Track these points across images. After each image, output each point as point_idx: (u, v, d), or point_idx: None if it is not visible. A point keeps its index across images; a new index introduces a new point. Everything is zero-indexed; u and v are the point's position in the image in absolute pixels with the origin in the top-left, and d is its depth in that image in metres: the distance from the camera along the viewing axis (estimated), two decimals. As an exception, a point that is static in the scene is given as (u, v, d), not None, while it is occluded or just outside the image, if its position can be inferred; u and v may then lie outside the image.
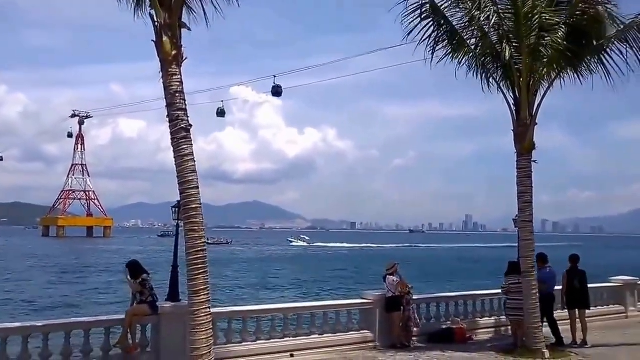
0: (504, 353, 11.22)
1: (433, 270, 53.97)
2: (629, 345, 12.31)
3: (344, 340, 11.52)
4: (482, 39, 11.81)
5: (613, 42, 11.40)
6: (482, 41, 11.82)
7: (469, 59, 11.96)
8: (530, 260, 11.24)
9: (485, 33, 11.76)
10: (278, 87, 37.82)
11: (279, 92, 38.02)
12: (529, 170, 11.32)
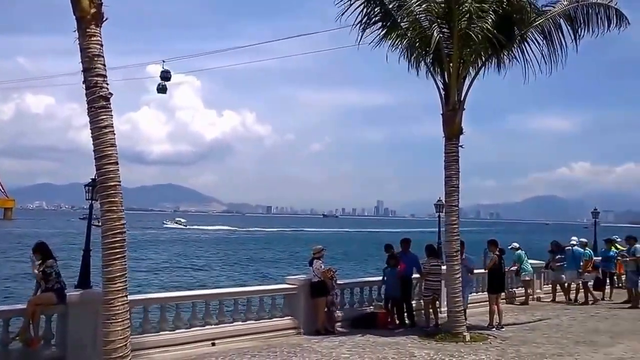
0: (426, 337, 11.16)
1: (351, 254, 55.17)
2: (541, 326, 12.67)
3: (267, 327, 11.02)
4: (414, 23, 11.55)
5: (532, 32, 11.59)
6: (413, 25, 11.56)
7: (401, 42, 11.69)
8: (455, 245, 11.21)
9: (417, 17, 11.51)
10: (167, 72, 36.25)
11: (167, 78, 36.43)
12: (456, 154, 11.26)
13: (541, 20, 11.34)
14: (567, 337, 11.31)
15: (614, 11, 11.27)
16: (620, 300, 17.20)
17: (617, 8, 11.29)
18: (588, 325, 12.84)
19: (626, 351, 9.87)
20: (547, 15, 11.37)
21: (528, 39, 11.57)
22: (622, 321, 13.33)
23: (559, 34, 11.41)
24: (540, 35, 11.45)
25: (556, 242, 18.22)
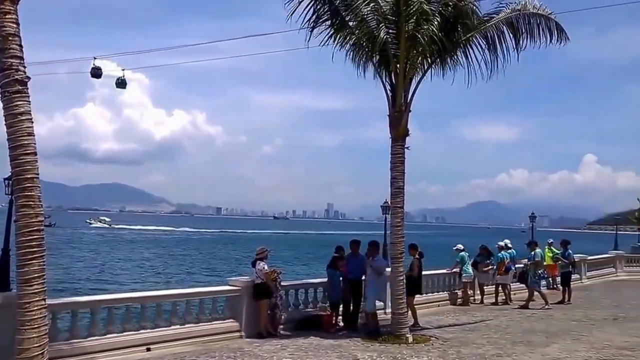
0: (370, 339, 10.92)
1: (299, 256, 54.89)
2: (480, 327, 12.68)
3: (207, 331, 10.48)
4: (361, 23, 11.34)
5: (476, 38, 11.56)
6: (361, 24, 11.34)
7: (349, 41, 11.46)
8: (399, 247, 11.03)
9: (364, 17, 11.31)
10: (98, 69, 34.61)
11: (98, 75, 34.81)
12: (402, 156, 11.09)
13: (485, 26, 11.34)
14: (506, 337, 11.34)
15: (554, 24, 11.40)
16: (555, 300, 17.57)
17: (557, 21, 11.42)
18: (524, 325, 12.95)
19: (561, 351, 9.94)
20: (491, 22, 11.38)
21: (472, 44, 11.53)
22: (556, 321, 13.53)
23: (502, 41, 11.43)
24: (484, 40, 11.45)
25: (484, 246, 18.21)
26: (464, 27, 11.37)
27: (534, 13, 11.30)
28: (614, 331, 11.92)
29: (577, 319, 13.91)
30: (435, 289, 16.47)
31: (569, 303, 17.07)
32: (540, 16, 11.31)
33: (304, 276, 26.06)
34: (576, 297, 17.82)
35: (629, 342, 10.61)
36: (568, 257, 18.56)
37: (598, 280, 24.50)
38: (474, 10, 11.24)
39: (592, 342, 10.66)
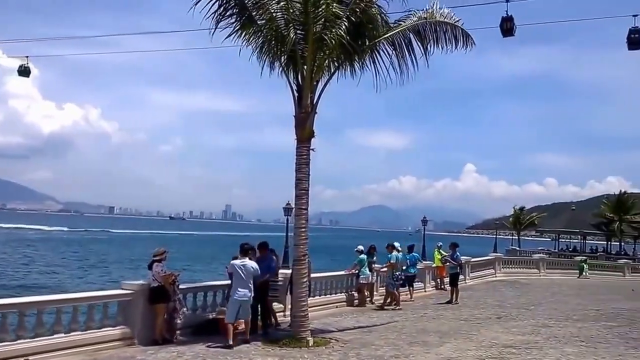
0: (270, 343, 10.54)
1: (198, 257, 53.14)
2: (378, 328, 12.75)
3: (96, 339, 9.52)
4: (270, 21, 10.96)
5: (383, 44, 11.57)
6: (269, 23, 10.96)
7: (256, 39, 11.03)
8: (303, 248, 10.77)
9: (273, 15, 10.95)
10: None
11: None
12: (307, 157, 10.84)
13: (392, 32, 11.37)
14: (402, 338, 11.44)
15: (460, 31, 11.62)
16: (444, 300, 18.27)
17: (463, 28, 11.68)
18: (418, 326, 13.21)
19: (454, 350, 10.15)
20: (398, 29, 11.43)
21: (380, 50, 11.52)
22: (446, 321, 13.94)
23: (409, 48, 11.51)
24: (391, 47, 11.47)
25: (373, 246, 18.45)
26: (372, 33, 11.32)
27: (440, 21, 11.47)
28: (499, 330, 12.46)
29: (465, 318, 14.45)
30: (334, 290, 16.44)
31: (456, 303, 17.80)
32: (447, 24, 11.51)
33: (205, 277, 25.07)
34: (462, 297, 18.62)
35: (513, 340, 11.10)
36: (456, 259, 19.37)
37: (480, 281, 25.96)
38: (382, 16, 11.24)
39: (481, 341, 11.03)
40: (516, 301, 18.69)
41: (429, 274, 22.00)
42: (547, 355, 9.67)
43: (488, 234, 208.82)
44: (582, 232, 60.15)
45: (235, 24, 10.76)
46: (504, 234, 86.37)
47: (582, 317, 14.90)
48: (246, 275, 10.52)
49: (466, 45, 11.70)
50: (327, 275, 16.70)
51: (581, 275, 33.29)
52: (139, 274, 18.10)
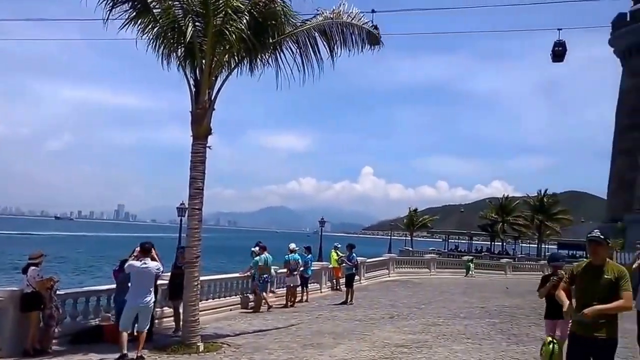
0: (158, 349, 10.00)
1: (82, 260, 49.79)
2: (272, 331, 12.58)
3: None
4: (167, 10, 10.41)
5: (288, 42, 11.38)
6: (166, 12, 10.41)
7: (152, 29, 10.43)
8: (195, 250, 10.32)
9: (171, 4, 10.42)
10: None
11: None
12: (203, 155, 10.41)
13: (296, 31, 11.18)
14: (297, 340, 11.35)
15: (367, 32, 11.56)
16: (340, 301, 18.49)
17: (370, 30, 11.69)
18: (313, 327, 13.21)
19: (347, 352, 10.21)
20: (303, 27, 11.25)
21: (284, 48, 11.30)
22: (341, 322, 14.06)
23: (315, 48, 11.33)
24: (295, 45, 11.28)
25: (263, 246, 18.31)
26: (275, 30, 11.08)
27: (347, 22, 11.39)
28: (391, 329, 12.75)
29: (359, 318, 14.68)
30: (228, 293, 16.04)
31: (351, 303, 18.07)
32: (354, 26, 11.47)
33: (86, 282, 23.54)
34: (357, 298, 18.95)
35: (405, 339, 11.40)
36: (352, 260, 19.70)
37: (374, 281, 26.66)
38: (287, 13, 10.99)
39: (374, 341, 11.21)
40: (408, 300, 19.33)
41: (325, 275, 22.21)
42: (437, 354, 10.01)
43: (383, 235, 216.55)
44: (470, 233, 64.04)
45: (130, 11, 10.09)
46: (398, 235, 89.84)
47: (468, 314, 15.69)
48: (147, 277, 9.55)
49: (373, 47, 11.75)
50: (221, 277, 16.26)
51: (468, 274, 35.33)
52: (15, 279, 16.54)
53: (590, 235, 5.29)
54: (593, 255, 5.22)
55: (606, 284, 5.03)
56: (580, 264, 5.44)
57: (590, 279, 5.14)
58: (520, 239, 68.11)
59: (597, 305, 4.94)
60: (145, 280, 9.52)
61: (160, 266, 9.85)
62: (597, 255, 5.20)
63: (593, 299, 5.01)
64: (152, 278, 9.68)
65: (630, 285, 5.04)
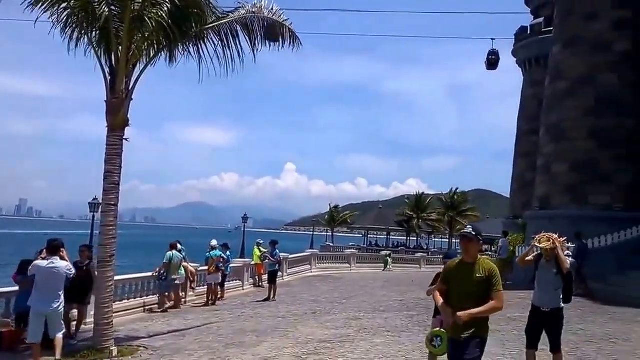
0: (65, 356, 9.24)
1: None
2: (192, 331, 12.11)
3: None
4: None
5: (210, 33, 10.93)
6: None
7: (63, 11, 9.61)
8: (110, 249, 9.63)
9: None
10: None
11: None
12: (120, 148, 9.74)
13: (218, 22, 10.74)
14: (218, 340, 10.96)
15: (287, 30, 11.38)
16: (262, 298, 18.22)
17: (290, 28, 11.45)
18: (236, 326, 12.85)
19: (271, 349, 9.98)
20: (226, 19, 10.83)
21: (205, 39, 10.81)
22: (264, 319, 13.79)
23: (236, 42, 10.95)
24: (217, 37, 10.84)
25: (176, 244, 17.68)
26: (198, 20, 10.59)
27: (268, 17, 11.12)
28: (314, 325, 12.64)
29: (283, 315, 14.47)
30: (145, 293, 15.29)
31: (274, 300, 17.85)
32: (275, 22, 11.21)
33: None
34: (279, 294, 18.75)
35: (328, 334, 11.32)
36: (275, 256, 19.48)
37: (297, 277, 26.58)
38: (210, 4, 10.54)
39: (297, 337, 11.05)
40: (330, 296, 19.37)
41: (248, 272, 21.85)
42: (359, 347, 10.00)
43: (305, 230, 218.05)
44: (387, 229, 65.56)
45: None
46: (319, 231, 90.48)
47: (387, 308, 15.92)
48: (56, 279, 8.56)
49: (293, 46, 11.54)
50: (136, 276, 15.48)
51: (386, 269, 36.10)
52: None
53: (462, 231, 5.09)
54: (464, 252, 4.98)
55: (478, 283, 4.80)
56: (453, 262, 5.15)
57: (462, 278, 4.88)
58: (434, 234, 70.86)
59: (468, 305, 4.72)
60: (53, 282, 8.53)
61: (71, 266, 9.05)
62: (468, 252, 4.95)
63: (465, 299, 4.78)
64: (61, 280, 8.68)
65: (500, 284, 4.81)
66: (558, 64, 26.17)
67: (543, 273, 7.37)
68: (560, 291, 7.27)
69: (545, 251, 7.32)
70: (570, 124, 24.63)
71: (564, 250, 7.42)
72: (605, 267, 20.57)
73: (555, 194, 24.87)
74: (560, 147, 24.95)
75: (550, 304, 7.26)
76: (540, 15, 39.94)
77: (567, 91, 25.09)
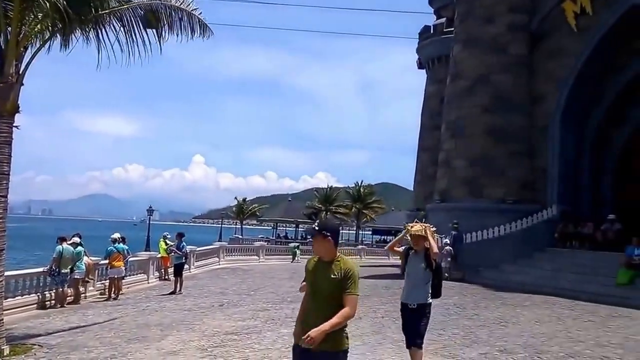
0: (-50, 357, 8.54)
1: None
2: (93, 327, 11.58)
3: None
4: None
5: (111, 18, 10.37)
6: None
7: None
8: (1, 242, 8.94)
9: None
10: None
11: None
12: (10, 136, 9.01)
13: (121, 7, 10.20)
14: (120, 335, 10.56)
15: (196, 20, 11.00)
16: (168, 291, 17.75)
17: (200, 18, 11.07)
18: (139, 320, 12.44)
19: (176, 343, 9.80)
20: (129, 4, 10.30)
21: (107, 25, 10.21)
22: (169, 313, 13.48)
23: (140, 28, 10.42)
24: (119, 23, 10.30)
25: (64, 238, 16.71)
26: (98, 4, 10.00)
27: (176, 6, 10.65)
28: (221, 317, 12.54)
29: (189, 308, 14.20)
30: (40, 288, 14.35)
31: (180, 293, 17.45)
32: (183, 11, 10.75)
33: None
34: (186, 287, 18.37)
35: (235, 326, 11.29)
36: (182, 249, 19.02)
37: (204, 269, 26.15)
38: None
39: (204, 330, 10.91)
40: (238, 287, 19.27)
41: (154, 265, 21.19)
42: (265, 338, 10.07)
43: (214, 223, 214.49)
44: (296, 221, 66.12)
45: None
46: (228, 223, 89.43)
47: (294, 298, 16.08)
48: None
49: (204, 36, 11.19)
50: (31, 271, 14.51)
51: (294, 260, 36.42)
52: None
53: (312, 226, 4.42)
54: (314, 248, 4.30)
55: (332, 285, 4.09)
56: (312, 258, 4.41)
57: (318, 277, 4.20)
58: (342, 226, 72.48)
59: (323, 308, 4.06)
60: None
61: None
62: (317, 249, 4.26)
63: (321, 301, 4.12)
64: None
65: (356, 287, 4.11)
66: (457, 64, 27.60)
67: (412, 267, 6.85)
68: (429, 286, 6.78)
69: (413, 237, 6.79)
70: (468, 121, 26.09)
71: (434, 240, 6.90)
72: (498, 255, 22.15)
73: (455, 187, 26.29)
74: (459, 143, 26.38)
75: (417, 300, 6.74)
76: (442, 16, 41.90)
77: (466, 90, 26.54)
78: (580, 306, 14.99)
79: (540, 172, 24.52)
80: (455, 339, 10.43)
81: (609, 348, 9.79)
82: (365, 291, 16.54)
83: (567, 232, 22.42)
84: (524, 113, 25.31)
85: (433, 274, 6.77)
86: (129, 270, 18.67)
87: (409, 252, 6.96)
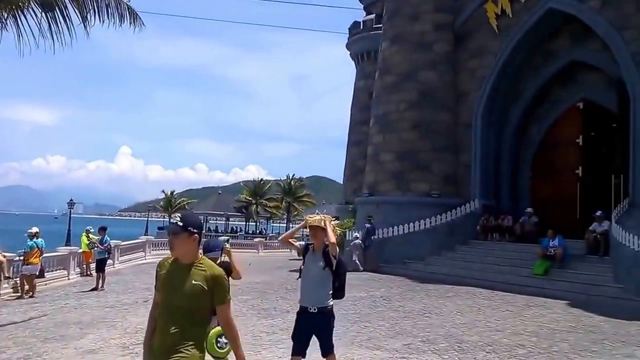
0: None
1: None
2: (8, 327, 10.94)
3: None
4: None
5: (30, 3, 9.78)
6: None
7: None
8: None
9: None
10: None
11: None
12: None
13: None
14: (36, 334, 10.06)
15: (126, 8, 10.54)
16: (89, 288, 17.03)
17: (129, 5, 10.60)
18: (57, 319, 11.87)
19: (96, 341, 9.44)
20: None
21: (27, 9, 9.63)
22: (90, 310, 12.96)
23: (64, 13, 9.91)
24: (40, 8, 9.71)
25: None
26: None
27: None
28: (145, 314, 12.06)
29: (111, 305, 13.69)
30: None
31: (102, 289, 16.80)
32: None
33: None
34: (109, 283, 17.72)
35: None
36: (105, 244, 18.29)
37: (129, 264, 25.29)
38: None
39: (126, 327, 10.56)
40: (163, 283, 18.76)
41: (74, 260, 20.26)
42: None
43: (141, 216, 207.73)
44: (227, 214, 65.31)
45: None
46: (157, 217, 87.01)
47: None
48: None
49: (135, 26, 10.74)
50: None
51: (224, 254, 35.93)
52: None
53: None
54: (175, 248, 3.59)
55: (194, 295, 3.44)
56: (166, 260, 3.73)
57: (174, 285, 3.51)
58: (272, 219, 72.24)
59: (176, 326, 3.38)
60: None
61: None
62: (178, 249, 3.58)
63: (174, 319, 3.41)
64: None
65: (227, 295, 3.62)
66: (385, 60, 28.12)
67: (310, 267, 6.05)
68: (330, 287, 6.00)
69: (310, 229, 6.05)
70: (395, 116, 26.67)
71: (334, 232, 6.01)
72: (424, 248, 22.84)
73: (382, 181, 26.82)
74: (387, 137, 26.91)
75: (317, 303, 5.92)
76: (371, 12, 42.48)
77: (393, 85, 27.10)
78: (499, 296, 15.72)
79: (465, 167, 25.45)
80: (380, 330, 10.65)
81: (524, 336, 10.32)
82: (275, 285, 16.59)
83: (489, 225, 23.42)
84: (449, 109, 26.18)
85: (333, 274, 5.98)
86: (48, 265, 17.78)
87: (307, 249, 6.16)
